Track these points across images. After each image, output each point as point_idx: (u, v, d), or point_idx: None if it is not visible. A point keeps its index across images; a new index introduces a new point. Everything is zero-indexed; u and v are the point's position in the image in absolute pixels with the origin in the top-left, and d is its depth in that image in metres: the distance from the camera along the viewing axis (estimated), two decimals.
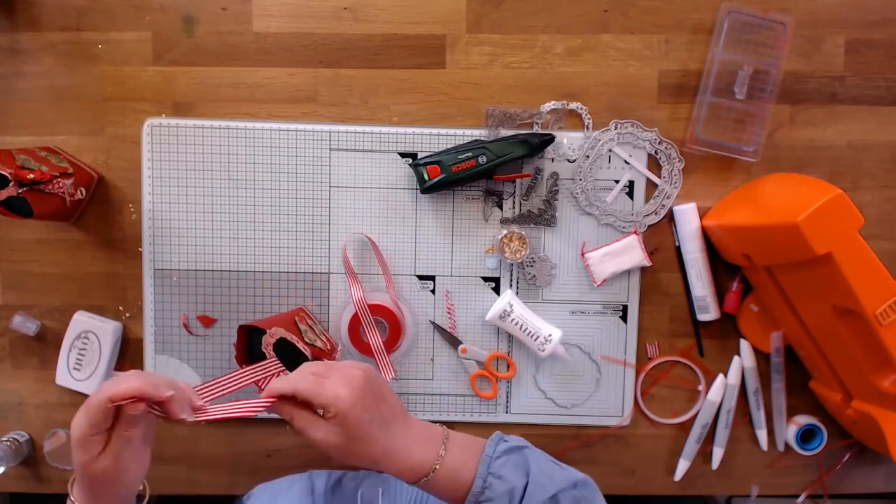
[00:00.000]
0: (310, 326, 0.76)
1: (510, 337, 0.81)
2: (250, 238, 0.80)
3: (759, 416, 0.82)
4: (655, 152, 0.79)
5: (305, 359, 0.70)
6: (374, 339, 0.77)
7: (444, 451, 0.57)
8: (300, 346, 0.71)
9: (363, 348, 0.78)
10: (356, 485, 0.75)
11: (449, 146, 0.78)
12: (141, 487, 0.59)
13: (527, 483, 0.56)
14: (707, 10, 0.78)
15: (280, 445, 0.83)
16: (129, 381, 0.49)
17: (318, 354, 0.72)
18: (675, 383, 0.83)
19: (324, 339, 0.76)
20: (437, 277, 0.81)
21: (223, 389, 0.60)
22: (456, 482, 0.57)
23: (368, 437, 0.54)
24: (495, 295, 0.81)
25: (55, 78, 0.78)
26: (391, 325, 0.77)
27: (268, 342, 0.70)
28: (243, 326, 0.74)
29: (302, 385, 0.54)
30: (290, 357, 0.70)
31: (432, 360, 0.82)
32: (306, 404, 0.54)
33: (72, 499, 0.55)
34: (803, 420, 0.82)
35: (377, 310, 0.77)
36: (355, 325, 0.77)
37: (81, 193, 0.76)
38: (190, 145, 0.78)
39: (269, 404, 0.55)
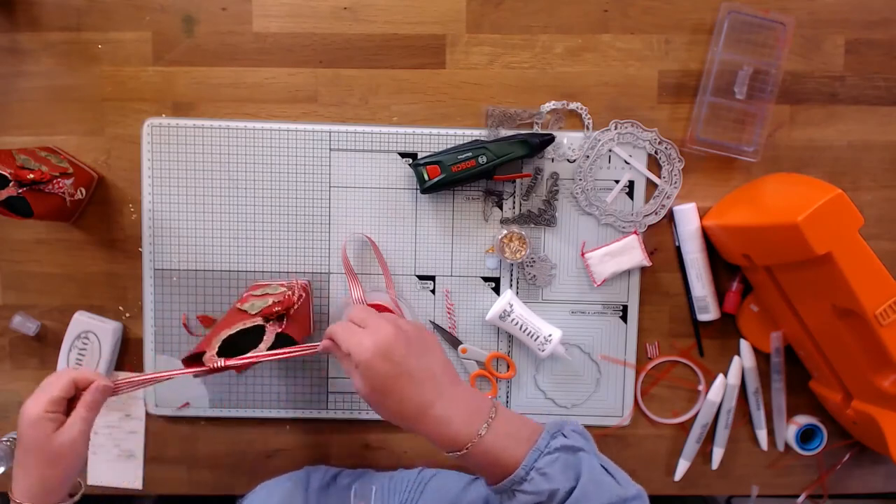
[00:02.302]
0: (261, 295, 0.70)
1: (510, 337, 0.81)
2: (250, 238, 0.80)
3: (759, 416, 0.82)
4: (655, 152, 0.79)
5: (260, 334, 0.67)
6: None
7: (486, 429, 0.54)
8: (242, 326, 0.66)
9: None
10: (350, 482, 0.75)
11: (449, 146, 0.78)
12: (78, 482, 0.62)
13: (572, 488, 0.52)
14: (707, 10, 0.78)
15: (280, 445, 0.83)
16: (88, 371, 0.61)
17: (274, 308, 0.68)
18: (675, 383, 0.83)
19: (282, 289, 0.71)
20: (437, 277, 0.81)
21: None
22: (493, 463, 0.54)
23: (392, 391, 0.53)
24: (495, 295, 0.81)
25: (55, 78, 0.78)
26: None
27: (210, 357, 0.64)
28: (187, 358, 0.66)
29: (336, 329, 0.57)
30: (256, 339, 0.66)
31: None
32: None
33: (15, 500, 0.55)
34: (803, 420, 0.82)
35: (377, 310, 0.76)
36: None
37: (81, 193, 0.76)
38: (190, 145, 0.78)
39: (320, 348, 0.60)
